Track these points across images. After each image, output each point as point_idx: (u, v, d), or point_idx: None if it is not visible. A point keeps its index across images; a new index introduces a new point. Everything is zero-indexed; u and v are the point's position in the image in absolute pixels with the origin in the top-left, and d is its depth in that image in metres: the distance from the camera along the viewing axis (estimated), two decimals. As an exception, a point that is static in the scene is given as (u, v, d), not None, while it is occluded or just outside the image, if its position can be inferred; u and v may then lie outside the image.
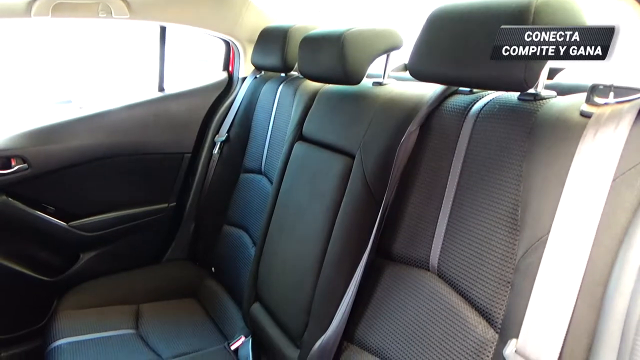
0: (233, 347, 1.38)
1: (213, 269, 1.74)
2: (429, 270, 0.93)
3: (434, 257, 0.91)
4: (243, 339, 1.39)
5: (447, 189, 0.91)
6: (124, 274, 1.73)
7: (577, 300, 0.60)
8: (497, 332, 0.75)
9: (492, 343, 0.75)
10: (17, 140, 1.55)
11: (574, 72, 1.01)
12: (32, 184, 1.57)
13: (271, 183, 1.48)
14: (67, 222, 1.64)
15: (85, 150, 1.64)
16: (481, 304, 0.79)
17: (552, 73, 1.04)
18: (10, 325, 1.61)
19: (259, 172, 1.61)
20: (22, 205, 1.56)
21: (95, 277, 1.68)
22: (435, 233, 0.91)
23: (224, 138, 1.79)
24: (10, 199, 1.54)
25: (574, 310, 0.60)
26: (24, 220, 1.57)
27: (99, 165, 1.67)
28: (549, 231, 0.66)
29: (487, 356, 0.76)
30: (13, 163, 1.54)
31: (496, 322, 0.76)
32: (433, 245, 0.91)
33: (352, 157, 1.13)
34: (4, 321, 1.60)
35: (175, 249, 1.88)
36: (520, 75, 0.72)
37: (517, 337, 0.66)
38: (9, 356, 1.60)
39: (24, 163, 1.54)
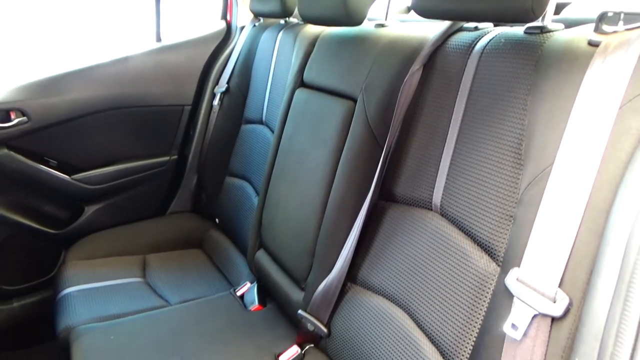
0: (239, 293, 1.41)
1: (217, 220, 1.76)
2: (431, 209, 0.94)
3: (437, 197, 0.91)
4: (248, 285, 1.42)
5: (450, 128, 0.90)
6: (128, 226, 1.75)
7: (579, 227, 0.61)
8: (498, 266, 0.77)
9: (494, 276, 0.77)
10: (16, 93, 1.53)
11: (581, 6, 0.98)
12: (33, 137, 1.56)
13: (272, 133, 1.47)
14: (69, 175, 1.64)
15: (85, 102, 1.62)
16: (483, 239, 0.80)
17: (559, 8, 1.01)
18: (21, 277, 1.65)
19: (260, 122, 1.60)
20: (24, 159, 1.56)
21: (100, 229, 1.71)
22: (438, 172, 0.91)
23: (223, 89, 1.77)
24: (11, 152, 1.54)
25: (576, 237, 0.61)
26: (26, 173, 1.57)
27: (98, 118, 1.66)
28: (553, 162, 0.66)
29: (489, 288, 0.77)
30: (12, 116, 1.53)
31: (498, 255, 0.77)
32: (436, 185, 0.92)
33: (354, 100, 1.11)
34: (15, 272, 1.64)
35: (178, 202, 1.89)
36: (527, 4, 0.70)
37: (518, 266, 0.67)
38: (21, 305, 1.64)
39: (24, 116, 1.53)
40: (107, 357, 1.10)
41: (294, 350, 1.14)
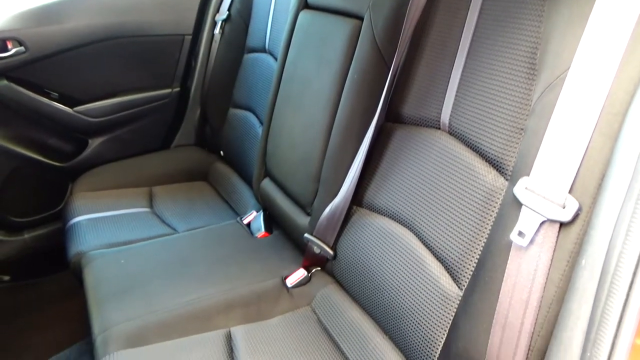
0: (245, 222, 1.42)
1: (222, 152, 1.75)
2: (439, 128, 0.92)
3: (445, 115, 0.89)
4: (255, 213, 1.43)
5: (461, 42, 0.86)
6: (134, 159, 1.75)
7: (593, 132, 0.59)
8: (507, 180, 0.76)
9: (502, 190, 0.76)
10: (12, 22, 1.48)
11: None
12: (32, 69, 1.53)
13: (276, 61, 1.43)
14: (71, 108, 1.62)
15: (82, 31, 1.57)
16: (492, 154, 0.78)
17: None
18: (30, 209, 1.67)
19: (263, 50, 1.55)
20: (24, 90, 1.53)
21: (105, 162, 1.71)
22: (447, 89, 0.88)
23: (225, 17, 1.70)
24: (11, 83, 1.51)
25: (589, 142, 0.59)
26: (28, 105, 1.55)
27: (97, 48, 1.61)
28: (569, 67, 0.63)
29: (496, 202, 0.76)
30: (10, 46, 1.49)
31: (507, 169, 0.75)
32: (444, 102, 0.89)
33: (361, 19, 1.07)
34: (24, 205, 1.66)
35: (182, 135, 1.88)
36: None
37: (528, 176, 0.66)
38: (32, 237, 1.67)
39: (21, 46, 1.49)
40: (119, 280, 1.13)
41: (301, 272, 1.16)
